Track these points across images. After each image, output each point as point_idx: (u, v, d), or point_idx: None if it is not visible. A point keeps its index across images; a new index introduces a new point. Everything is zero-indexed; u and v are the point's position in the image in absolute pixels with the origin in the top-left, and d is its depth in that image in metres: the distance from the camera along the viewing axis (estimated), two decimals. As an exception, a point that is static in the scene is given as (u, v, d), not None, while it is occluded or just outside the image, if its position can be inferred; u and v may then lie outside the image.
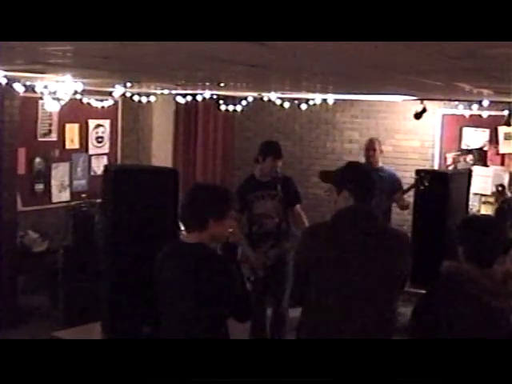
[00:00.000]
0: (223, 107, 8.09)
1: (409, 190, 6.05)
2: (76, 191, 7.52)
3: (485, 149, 7.17)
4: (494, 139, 7.08)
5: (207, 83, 5.80)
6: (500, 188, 6.71)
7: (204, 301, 2.76)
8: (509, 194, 6.71)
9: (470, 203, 6.54)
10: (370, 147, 6.40)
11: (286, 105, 7.55)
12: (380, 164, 6.37)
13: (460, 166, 7.26)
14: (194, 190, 2.99)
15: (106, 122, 7.90)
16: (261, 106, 8.07)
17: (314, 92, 6.48)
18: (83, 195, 7.36)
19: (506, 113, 6.83)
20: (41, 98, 6.46)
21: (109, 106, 7.64)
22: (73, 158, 7.54)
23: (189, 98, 7.78)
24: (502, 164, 7.05)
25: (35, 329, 5.91)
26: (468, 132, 7.26)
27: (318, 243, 2.99)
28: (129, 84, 5.92)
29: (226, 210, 2.87)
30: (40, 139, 7.13)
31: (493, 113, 6.88)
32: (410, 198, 6.11)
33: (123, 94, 7.21)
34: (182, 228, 3.10)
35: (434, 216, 5.26)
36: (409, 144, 7.62)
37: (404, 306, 4.26)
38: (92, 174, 7.72)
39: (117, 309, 4.40)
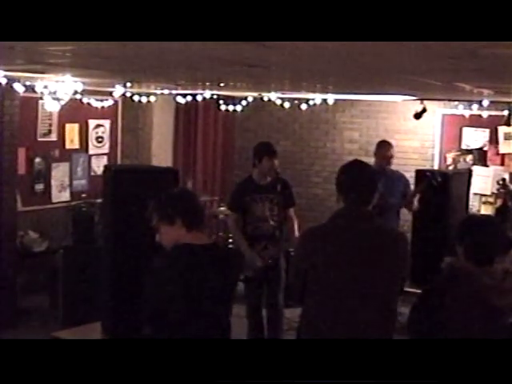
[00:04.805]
0: (223, 107, 8.09)
1: (419, 191, 5.85)
2: (76, 191, 7.50)
3: (485, 149, 7.17)
4: (494, 139, 7.08)
5: (207, 83, 5.80)
6: (501, 182, 6.67)
7: (232, 297, 3.01)
8: (511, 187, 6.66)
9: (470, 203, 6.53)
10: (389, 155, 6.06)
11: (286, 105, 7.55)
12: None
13: (460, 166, 7.26)
14: (193, 194, 3.23)
15: (106, 122, 7.89)
16: (261, 105, 8.07)
17: (314, 92, 6.48)
18: (83, 195, 7.35)
19: (506, 113, 6.83)
20: (41, 98, 6.45)
21: (109, 106, 7.63)
22: (73, 158, 7.53)
23: (189, 98, 7.77)
24: (502, 164, 7.05)
25: (35, 329, 5.91)
26: (468, 132, 7.25)
27: (317, 244, 2.99)
28: (129, 84, 5.92)
29: None
30: (40, 139, 7.12)
31: (493, 113, 6.87)
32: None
33: (123, 94, 7.20)
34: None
35: (434, 216, 5.26)
36: (409, 144, 7.62)
37: (404, 306, 4.26)
38: (92, 174, 7.71)
39: (117, 309, 4.40)
